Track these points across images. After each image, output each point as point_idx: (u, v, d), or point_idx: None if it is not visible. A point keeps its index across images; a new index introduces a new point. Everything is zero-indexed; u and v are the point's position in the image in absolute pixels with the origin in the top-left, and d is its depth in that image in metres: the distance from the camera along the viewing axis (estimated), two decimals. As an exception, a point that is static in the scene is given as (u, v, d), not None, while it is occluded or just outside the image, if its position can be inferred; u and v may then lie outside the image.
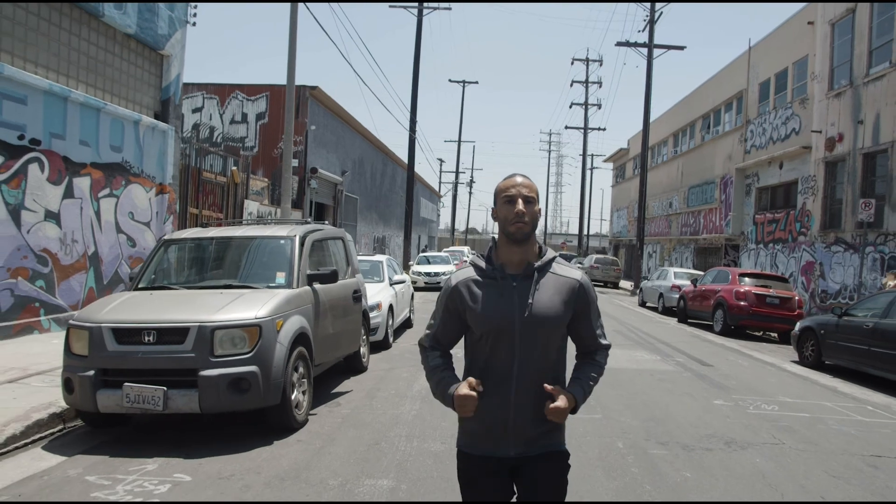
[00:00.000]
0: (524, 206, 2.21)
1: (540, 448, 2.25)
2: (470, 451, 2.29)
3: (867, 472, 4.92)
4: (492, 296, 2.23)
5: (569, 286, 2.27)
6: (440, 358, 2.39)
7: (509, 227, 2.23)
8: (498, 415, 2.21)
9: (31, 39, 9.02)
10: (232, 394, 4.88)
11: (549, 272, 2.28)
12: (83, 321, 5.14)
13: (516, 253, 2.26)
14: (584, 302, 2.30)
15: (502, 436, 2.23)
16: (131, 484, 4.18)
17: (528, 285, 2.22)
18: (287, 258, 6.13)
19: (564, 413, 2.17)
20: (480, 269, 2.30)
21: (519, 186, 2.25)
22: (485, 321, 2.22)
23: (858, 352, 9.49)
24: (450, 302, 2.33)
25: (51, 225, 9.32)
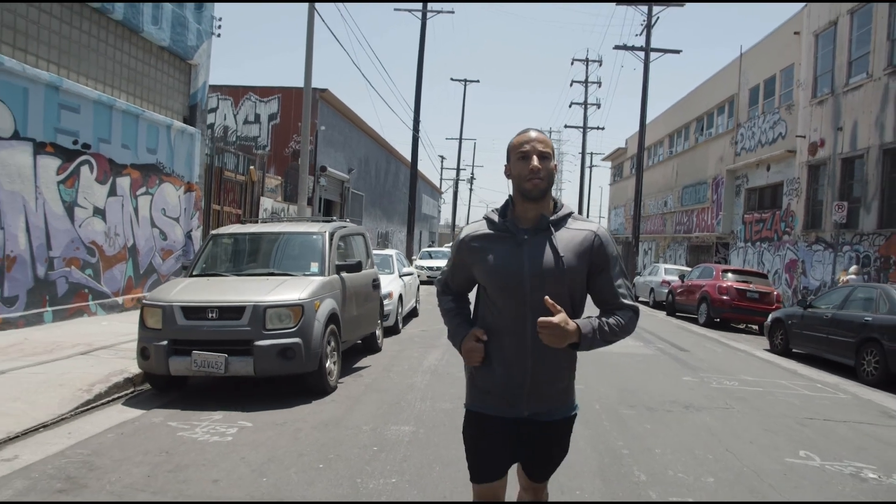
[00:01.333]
0: (539, 162, 2.13)
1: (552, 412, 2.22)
2: (480, 411, 2.24)
3: (796, 428, 6.05)
4: (502, 251, 2.16)
5: (583, 238, 2.16)
6: (453, 301, 2.40)
7: (524, 183, 2.14)
8: (514, 375, 2.15)
9: (84, 55, 10.11)
10: (280, 360, 6.00)
11: (565, 227, 2.18)
12: (156, 301, 6.26)
13: (531, 209, 2.18)
14: (602, 255, 2.17)
15: (518, 395, 2.17)
16: (206, 428, 5.29)
17: (541, 240, 2.14)
18: (319, 251, 7.24)
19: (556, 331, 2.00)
20: (493, 222, 2.23)
21: (533, 142, 2.16)
22: (494, 277, 2.15)
23: (819, 339, 10.62)
24: (459, 253, 2.30)
25: (98, 220, 10.42)
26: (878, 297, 9.67)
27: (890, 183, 16.37)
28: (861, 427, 6.31)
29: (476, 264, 2.22)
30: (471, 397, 2.30)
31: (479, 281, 2.26)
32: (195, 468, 4.31)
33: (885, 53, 16.61)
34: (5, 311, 8.49)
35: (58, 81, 9.23)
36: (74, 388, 6.08)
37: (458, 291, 2.42)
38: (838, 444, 5.55)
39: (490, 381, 2.20)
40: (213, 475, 4.19)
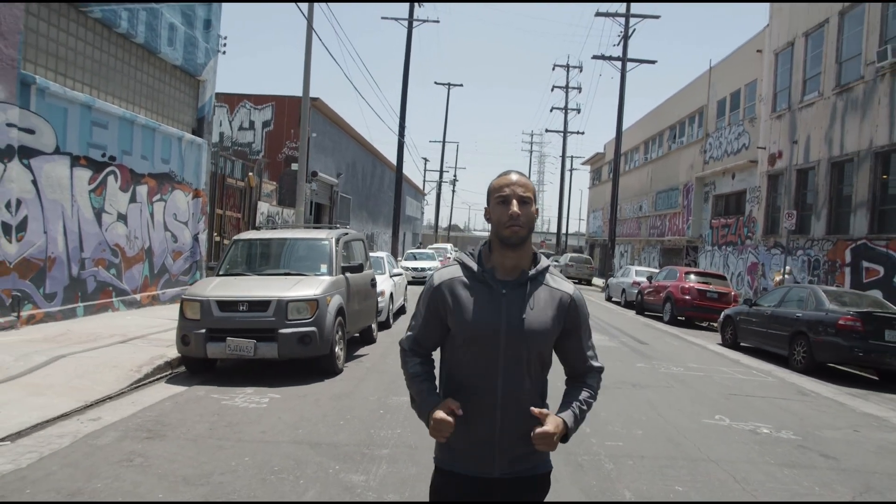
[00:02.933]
0: (519, 208, 2.06)
1: (525, 470, 2.11)
2: (450, 469, 2.14)
3: (719, 401, 7.45)
4: (478, 301, 2.08)
5: (560, 300, 2.12)
6: (420, 365, 2.24)
7: (503, 230, 2.07)
8: (483, 433, 2.07)
9: (111, 76, 11.27)
10: (299, 345, 7.27)
11: (543, 283, 2.13)
12: (194, 296, 7.50)
13: (510, 258, 2.10)
14: (575, 318, 2.14)
15: (487, 455, 2.08)
16: (243, 398, 6.54)
17: (519, 294, 2.08)
18: (328, 254, 8.52)
19: (552, 440, 1.98)
20: (469, 269, 2.14)
21: (514, 186, 2.08)
22: (469, 328, 2.07)
23: (760, 333, 12.08)
24: (432, 302, 2.17)
25: (120, 224, 11.59)
26: (808, 297, 11.15)
27: (837, 193, 17.96)
28: (774, 401, 7.73)
29: (451, 314, 2.11)
30: (439, 455, 2.18)
31: (452, 329, 2.14)
32: (244, 424, 5.58)
33: (833, 75, 18.21)
34: (47, 306, 9.65)
35: (91, 101, 10.40)
36: (126, 369, 7.31)
37: (426, 351, 2.26)
38: (749, 412, 6.96)
39: (458, 439, 2.08)
40: (260, 428, 5.47)
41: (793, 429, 6.35)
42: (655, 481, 4.52)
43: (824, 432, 6.35)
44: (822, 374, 10.33)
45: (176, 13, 12.96)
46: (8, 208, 8.70)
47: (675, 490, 4.37)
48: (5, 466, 4.39)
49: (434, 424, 2.02)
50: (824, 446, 5.80)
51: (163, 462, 4.57)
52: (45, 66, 9.59)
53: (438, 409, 2.03)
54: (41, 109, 9.28)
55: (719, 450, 5.43)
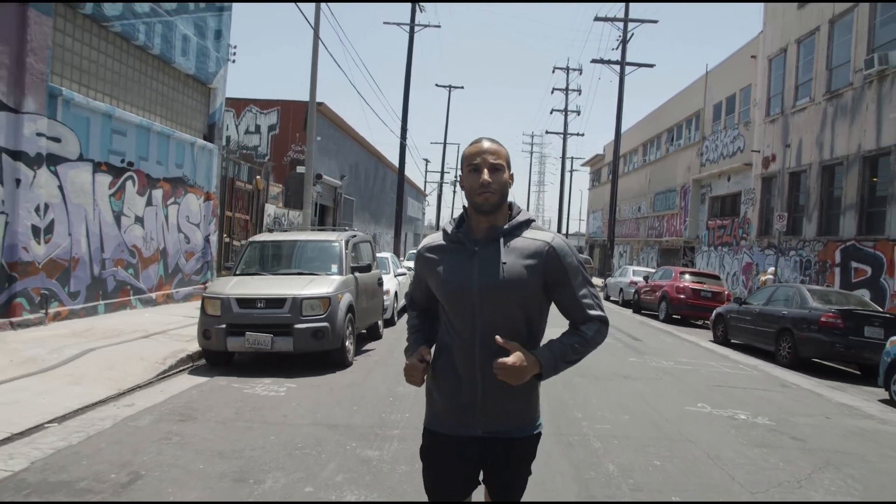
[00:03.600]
0: (490, 175, 2.04)
1: (510, 430, 2.11)
2: (436, 430, 2.17)
3: (704, 391, 7.99)
4: (453, 261, 2.10)
5: (535, 249, 2.05)
6: (417, 318, 2.35)
7: (475, 197, 2.06)
8: (464, 392, 2.08)
9: (130, 86, 11.84)
10: (313, 340, 7.82)
11: (520, 237, 2.08)
12: (215, 294, 8.05)
13: (483, 222, 2.10)
14: (557, 266, 2.05)
15: (469, 413, 2.09)
16: (263, 388, 7.09)
17: (492, 251, 2.05)
18: (338, 255, 9.07)
19: (514, 371, 1.93)
20: (446, 233, 2.17)
21: (485, 153, 2.06)
22: (443, 288, 2.10)
23: (749, 330, 12.63)
24: (417, 266, 2.26)
25: (138, 227, 12.14)
26: (794, 295, 11.70)
27: (828, 196, 18.51)
28: (756, 392, 8.28)
29: (429, 276, 2.17)
30: (428, 416, 2.22)
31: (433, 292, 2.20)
32: (267, 409, 6.14)
33: (824, 81, 18.76)
34: (71, 304, 10.21)
35: (111, 111, 10.96)
36: (152, 361, 7.87)
37: (423, 306, 2.35)
38: (730, 401, 7.51)
39: (441, 398, 2.13)
40: (281, 412, 6.02)
41: (769, 415, 6.90)
42: (637, 457, 5.07)
43: (797, 419, 6.89)
44: (807, 368, 10.88)
45: (189, 24, 13.52)
46: (37, 212, 9.26)
47: (653, 464, 4.92)
48: (59, 444, 4.94)
49: (405, 370, 2.15)
50: (795, 430, 6.34)
51: (198, 440, 5.12)
52: (70, 79, 10.15)
53: (412, 356, 2.17)
54: (66, 119, 9.84)
55: (698, 432, 5.97)
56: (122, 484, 4.15)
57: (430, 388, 2.22)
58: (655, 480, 4.56)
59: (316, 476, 4.37)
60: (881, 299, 15.11)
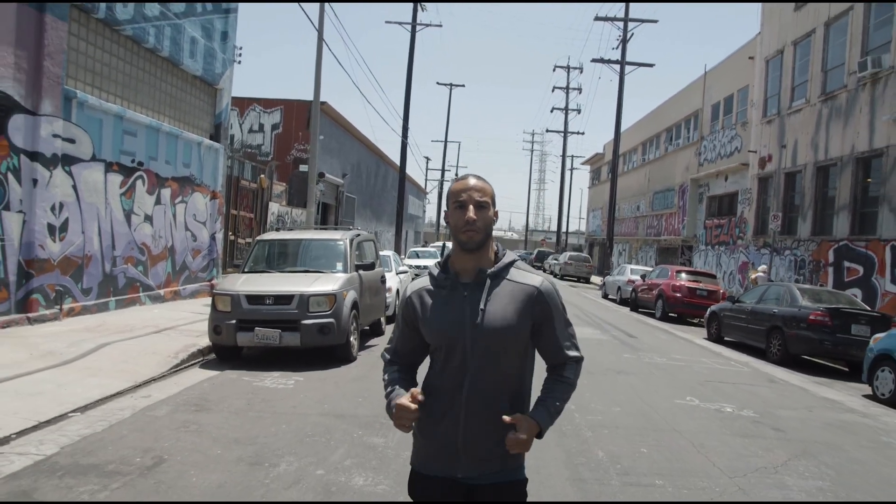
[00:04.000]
0: (475, 213, 2.08)
1: (495, 475, 2.11)
2: (421, 471, 2.19)
3: (694, 386, 8.33)
4: (441, 305, 2.12)
5: (525, 294, 2.10)
6: (397, 372, 2.25)
7: (460, 234, 2.09)
8: (447, 433, 2.09)
9: (140, 88, 12.17)
10: (319, 335, 8.16)
11: (506, 279, 2.13)
12: (225, 291, 8.39)
13: (469, 260, 2.13)
14: (545, 310, 2.12)
15: (452, 456, 2.10)
16: (272, 381, 7.42)
17: (480, 294, 2.09)
18: (343, 253, 9.41)
19: (527, 444, 2.00)
20: (433, 277, 2.19)
21: (471, 190, 2.11)
22: (433, 332, 2.12)
23: (742, 328, 12.96)
24: (405, 313, 2.22)
25: (147, 225, 12.48)
26: (784, 294, 12.03)
27: (822, 196, 18.83)
28: (744, 387, 8.62)
29: (419, 321, 2.16)
30: (413, 454, 2.24)
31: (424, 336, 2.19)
32: (276, 400, 6.48)
33: (819, 83, 19.07)
34: (84, 300, 10.55)
35: (122, 112, 11.29)
36: (164, 356, 8.21)
37: (407, 362, 2.28)
38: (718, 395, 7.85)
39: (425, 439, 2.15)
40: (291, 403, 6.36)
41: (754, 408, 7.24)
42: (625, 445, 5.41)
43: (781, 412, 7.23)
44: (796, 365, 11.22)
45: (196, 27, 13.84)
46: (52, 211, 9.60)
47: (640, 451, 5.26)
48: (84, 431, 5.28)
49: (396, 412, 2.04)
50: (777, 422, 6.68)
51: (213, 428, 5.47)
52: (84, 81, 10.47)
53: (402, 396, 2.07)
54: (80, 120, 10.17)
55: (684, 423, 6.31)
56: (147, 467, 4.49)
57: (416, 429, 2.18)
58: (641, 466, 4.90)
59: (326, 460, 4.71)
60: (872, 298, 15.44)
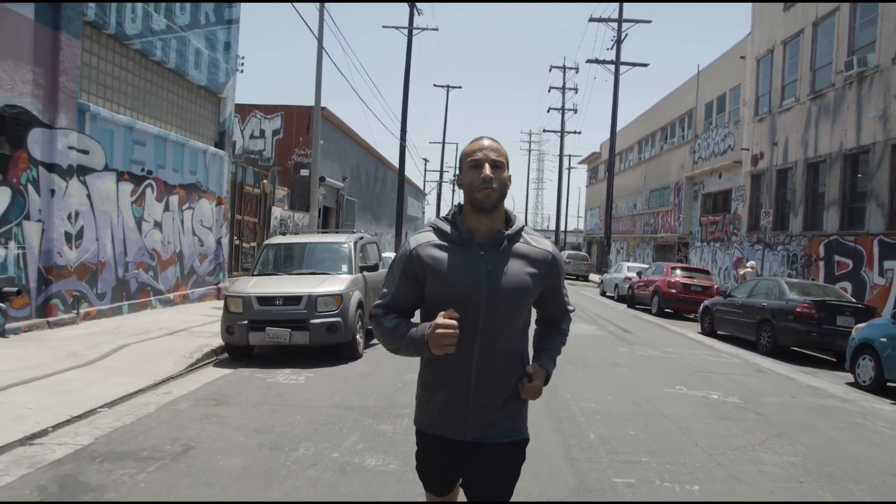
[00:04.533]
0: (492, 171, 2.03)
1: (499, 435, 2.12)
2: (427, 431, 2.21)
3: (684, 376, 8.77)
4: (458, 263, 2.06)
5: (541, 258, 2.12)
6: (397, 318, 2.19)
7: (476, 193, 2.04)
8: (457, 394, 2.09)
9: (148, 99, 12.60)
10: (327, 333, 8.59)
11: (521, 242, 2.12)
12: (237, 293, 8.81)
13: (483, 222, 2.08)
14: (556, 274, 2.19)
15: (461, 417, 2.10)
16: (283, 377, 7.85)
17: (497, 255, 2.06)
18: (348, 255, 9.84)
19: (540, 391, 2.09)
20: (444, 233, 2.12)
21: (486, 150, 2.05)
22: (449, 289, 2.05)
23: (733, 322, 13.40)
24: (408, 266, 2.14)
25: (157, 231, 12.91)
26: (773, 288, 12.47)
27: (812, 192, 19.28)
28: (731, 376, 9.06)
29: (430, 277, 2.10)
30: (418, 415, 2.26)
31: (430, 292, 2.13)
32: (290, 394, 6.91)
33: (808, 81, 19.52)
34: (98, 304, 10.98)
35: (132, 123, 11.73)
36: (180, 355, 8.64)
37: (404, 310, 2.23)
38: (706, 384, 8.28)
39: (434, 400, 2.16)
40: (304, 397, 6.79)
41: (739, 395, 7.67)
42: (615, 428, 5.84)
43: (765, 398, 7.67)
44: (785, 356, 11.65)
45: (200, 38, 14.28)
46: (69, 219, 10.02)
47: (629, 433, 5.69)
48: (114, 423, 5.71)
49: (436, 333, 1.96)
50: (760, 407, 7.12)
51: (234, 419, 5.89)
52: (96, 94, 10.91)
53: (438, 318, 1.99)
54: (93, 132, 10.60)
55: (672, 409, 6.75)
56: (177, 453, 4.92)
57: (421, 389, 2.24)
58: (629, 446, 5.33)
59: (340, 445, 5.14)
60: (861, 291, 15.89)
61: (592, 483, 4.41)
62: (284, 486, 4.26)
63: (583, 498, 4.16)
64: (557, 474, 4.58)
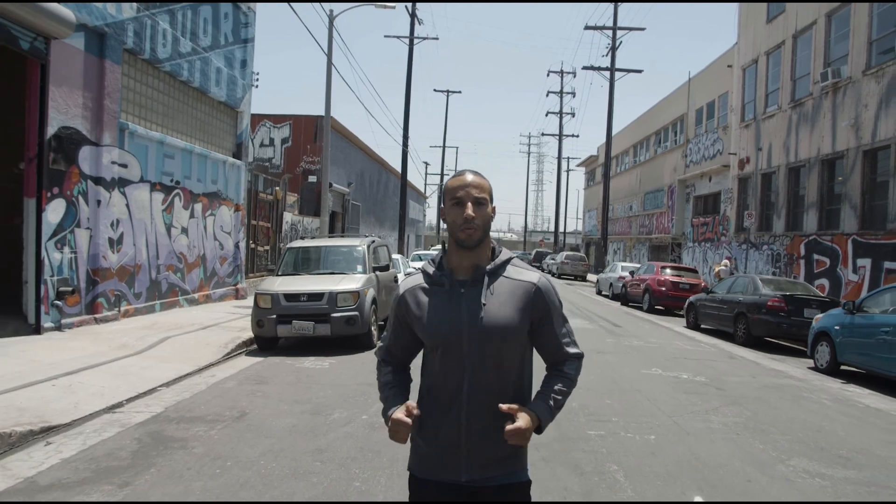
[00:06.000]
0: (473, 210, 2.02)
1: (497, 478, 2.07)
2: (420, 476, 2.14)
3: (661, 361, 9.91)
4: (438, 304, 2.07)
5: (524, 290, 2.07)
6: (391, 374, 2.25)
7: (458, 232, 2.04)
8: (448, 436, 2.05)
9: (176, 116, 13.78)
10: (346, 325, 9.74)
11: (503, 276, 2.08)
12: (266, 291, 9.97)
13: (466, 258, 2.08)
14: (543, 307, 2.08)
15: (454, 460, 2.05)
16: (309, 363, 9.00)
17: (478, 292, 2.04)
18: (362, 257, 11.00)
19: (526, 434, 1.94)
20: (428, 275, 2.14)
21: (468, 187, 2.05)
22: (430, 332, 2.06)
23: (714, 315, 14.56)
24: (398, 311, 2.18)
25: (183, 237, 14.08)
26: (748, 284, 13.63)
27: (794, 195, 20.44)
28: (704, 361, 10.21)
29: (413, 320, 2.12)
30: (412, 459, 2.20)
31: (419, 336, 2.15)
32: (318, 376, 8.06)
33: (789, 90, 20.70)
34: (136, 303, 12.14)
35: (163, 138, 12.90)
36: (216, 346, 9.80)
37: (400, 361, 2.28)
38: (679, 366, 9.43)
39: (425, 443, 2.11)
40: (330, 378, 7.94)
41: (706, 376, 8.83)
42: (594, 399, 6.99)
43: (728, 378, 8.82)
44: (760, 346, 12.79)
45: (220, 58, 15.45)
46: (111, 227, 11.19)
47: (605, 402, 6.84)
48: (176, 398, 6.87)
49: (391, 426, 2.02)
50: (722, 385, 8.27)
51: (275, 394, 7.05)
52: (132, 113, 12.08)
53: (398, 410, 2.04)
54: (131, 148, 11.77)
55: (645, 386, 7.90)
56: (235, 417, 6.07)
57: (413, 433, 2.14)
58: (603, 410, 6.49)
59: (367, 410, 6.30)
60: (838, 287, 17.04)
61: (570, 433, 5.57)
62: (327, 437, 5.42)
63: (562, 444, 5.31)
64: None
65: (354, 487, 4.30)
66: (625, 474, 4.65)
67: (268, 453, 4.98)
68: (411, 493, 2.18)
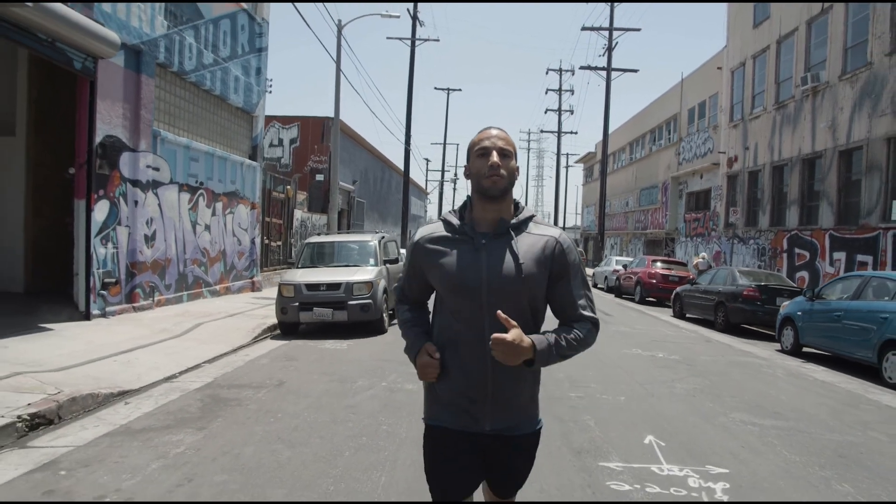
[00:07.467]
0: (499, 159, 2.03)
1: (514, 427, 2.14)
2: (440, 425, 2.16)
3: (644, 343, 11.08)
4: (459, 255, 2.06)
5: (544, 244, 2.07)
6: (409, 311, 2.33)
7: (483, 180, 2.04)
8: (474, 384, 2.07)
9: (199, 122, 14.94)
10: (361, 312, 10.92)
11: (525, 231, 2.09)
12: (288, 281, 11.14)
13: (490, 210, 2.08)
14: (562, 262, 2.09)
15: (479, 408, 2.09)
16: (329, 345, 10.16)
17: (500, 245, 2.04)
18: (374, 251, 12.17)
19: (511, 349, 1.90)
20: (450, 224, 2.13)
21: (494, 139, 2.06)
22: (450, 282, 2.07)
23: (696, 305, 15.72)
24: (413, 259, 2.23)
25: (206, 233, 15.24)
26: (728, 275, 14.79)
27: (777, 192, 21.58)
28: (682, 344, 11.37)
29: (431, 269, 2.13)
30: (429, 410, 2.21)
31: (434, 285, 2.17)
32: (339, 354, 9.23)
33: (773, 93, 21.82)
34: (166, 294, 13.32)
35: (189, 143, 14.06)
36: (245, 331, 10.97)
37: (415, 300, 2.33)
38: (658, 347, 10.60)
39: (449, 393, 2.11)
40: (350, 356, 9.11)
41: (680, 355, 9.99)
42: (578, 371, 8.16)
43: (700, 357, 9.99)
44: (738, 332, 13.95)
45: (238, 67, 16.60)
46: (146, 224, 12.36)
47: (587, 374, 8.02)
48: (220, 372, 8.03)
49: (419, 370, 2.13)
50: (693, 361, 9.44)
51: (305, 367, 8.22)
52: (163, 121, 13.24)
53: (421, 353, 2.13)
54: (162, 152, 12.93)
55: (624, 361, 9.07)
56: (275, 384, 7.24)
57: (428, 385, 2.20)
58: (585, 379, 7.66)
59: (385, 378, 7.47)
60: (816, 279, 18.19)
61: (554, 394, 6.75)
62: (356, 398, 6.60)
63: (546, 403, 6.47)
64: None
65: (382, 430, 5.48)
66: (595, 422, 5.82)
67: (309, 408, 6.16)
68: (428, 443, 2.21)
